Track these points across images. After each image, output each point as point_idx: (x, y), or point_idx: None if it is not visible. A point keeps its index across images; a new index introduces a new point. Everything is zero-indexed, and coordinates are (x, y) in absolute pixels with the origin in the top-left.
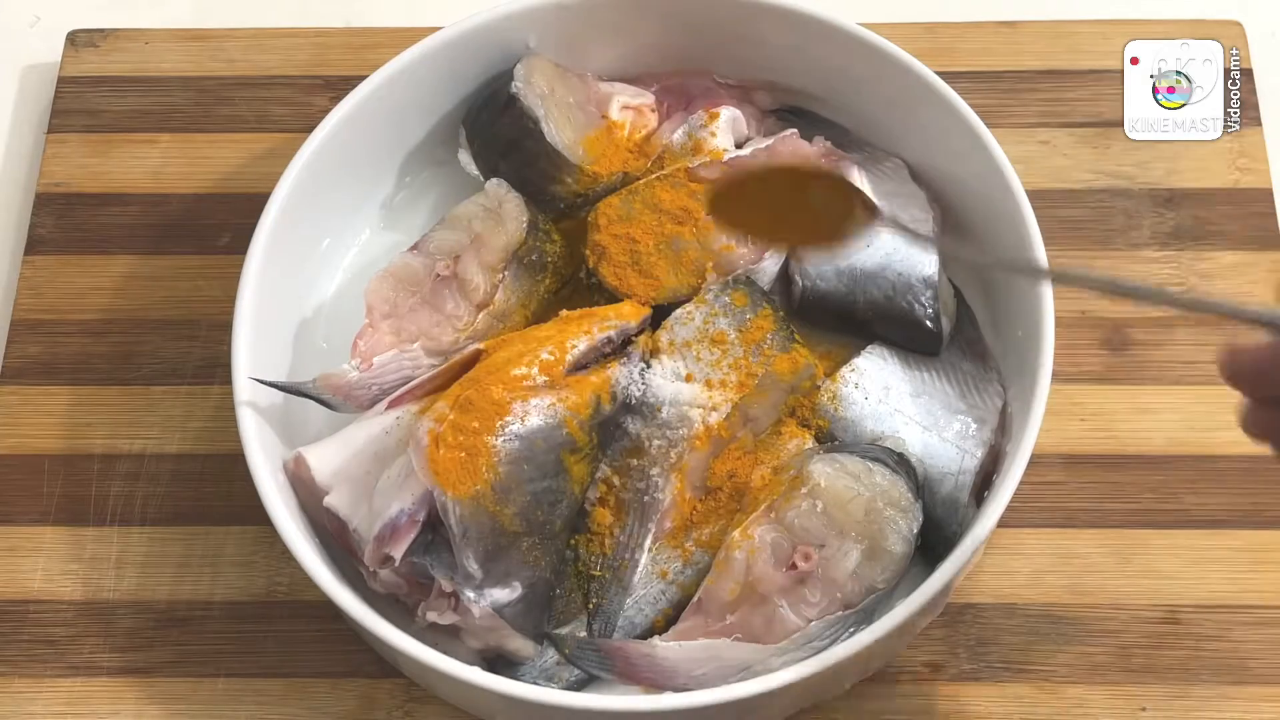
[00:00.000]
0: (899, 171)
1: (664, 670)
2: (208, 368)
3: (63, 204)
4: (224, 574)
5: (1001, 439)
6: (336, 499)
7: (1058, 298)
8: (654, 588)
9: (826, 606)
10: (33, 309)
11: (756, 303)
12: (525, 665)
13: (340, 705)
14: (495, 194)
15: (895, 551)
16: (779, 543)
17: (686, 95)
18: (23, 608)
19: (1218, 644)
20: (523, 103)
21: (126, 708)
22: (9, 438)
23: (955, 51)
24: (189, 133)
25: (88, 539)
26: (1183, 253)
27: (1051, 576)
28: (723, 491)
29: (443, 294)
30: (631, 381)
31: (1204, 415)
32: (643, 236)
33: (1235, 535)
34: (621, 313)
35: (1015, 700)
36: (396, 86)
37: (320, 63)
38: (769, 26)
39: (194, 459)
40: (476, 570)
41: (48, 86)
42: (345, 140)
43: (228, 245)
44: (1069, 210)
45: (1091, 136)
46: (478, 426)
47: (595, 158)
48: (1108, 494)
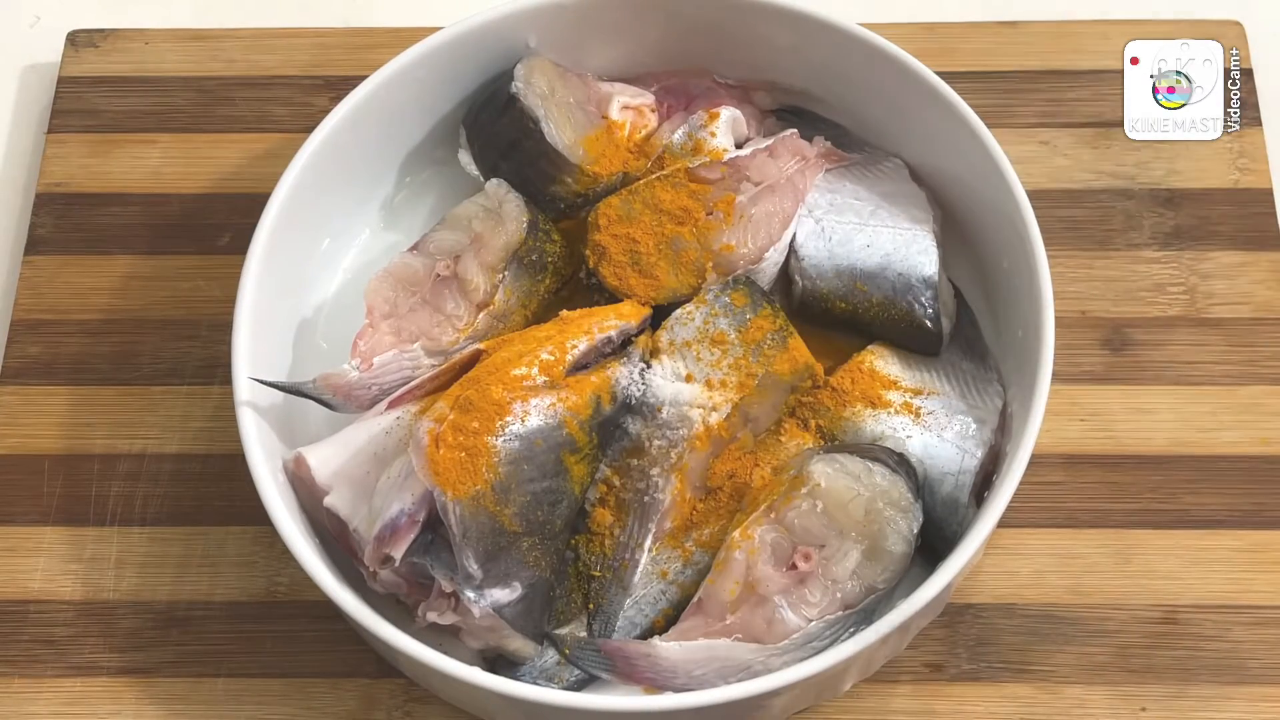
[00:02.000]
0: (899, 171)
1: (664, 670)
2: (208, 368)
3: (63, 204)
4: (224, 574)
5: (1001, 439)
6: (336, 499)
7: (1058, 298)
8: (654, 588)
9: (826, 606)
10: (33, 309)
11: (756, 303)
12: (525, 665)
13: (340, 705)
14: (495, 194)
15: (895, 551)
16: (779, 543)
17: (686, 95)
18: (23, 608)
19: (1217, 644)
20: (523, 103)
21: (126, 708)
22: (9, 438)
23: (955, 51)
24: (189, 133)
25: (88, 539)
26: (1183, 253)
27: (1051, 576)
28: (723, 491)
29: (443, 294)
30: (631, 382)
31: (1204, 415)
32: (643, 236)
33: (1235, 535)
34: (621, 313)
35: (1015, 700)
36: (396, 86)
37: (320, 63)
38: (769, 26)
39: (194, 459)
40: (476, 570)
41: (48, 86)
42: (345, 140)
43: (228, 245)
44: (1069, 210)
45: (1091, 136)
46: (478, 426)
47: (595, 158)
48: (1108, 494)
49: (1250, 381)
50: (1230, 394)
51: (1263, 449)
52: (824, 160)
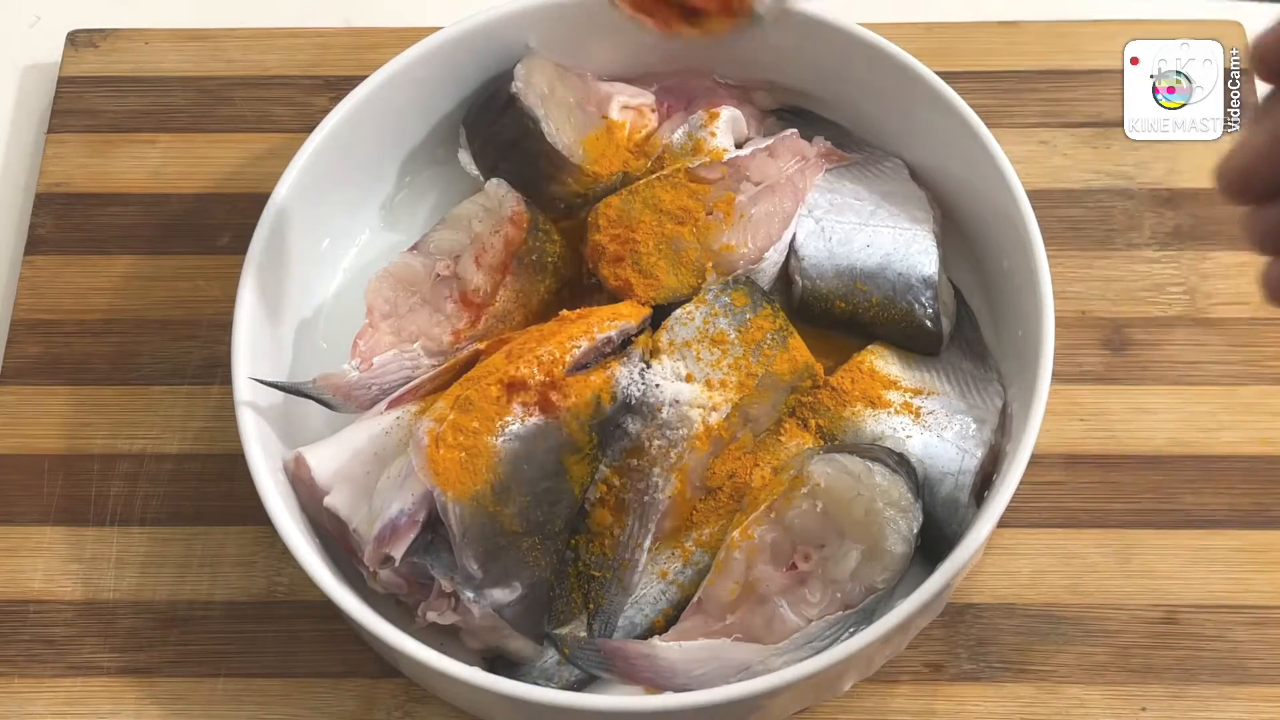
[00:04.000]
0: (899, 171)
1: (664, 670)
2: (208, 368)
3: (63, 204)
4: (224, 574)
5: (1001, 439)
6: (336, 499)
7: (1058, 298)
8: (654, 588)
9: (826, 606)
10: (33, 309)
11: (756, 303)
12: (525, 665)
13: (340, 705)
14: (495, 194)
15: (895, 551)
16: (779, 543)
17: (686, 95)
18: (23, 608)
19: (1217, 644)
20: (523, 103)
21: (126, 708)
22: (9, 438)
23: (955, 51)
24: (189, 133)
25: (88, 539)
26: (1183, 253)
27: (1051, 576)
28: (723, 491)
29: (443, 294)
30: (631, 382)
31: (1204, 415)
32: (643, 236)
33: (1235, 535)
34: (621, 313)
35: (1015, 700)
36: (396, 86)
37: (320, 63)
38: (769, 27)
39: (194, 459)
40: (476, 570)
41: (48, 86)
42: (345, 140)
43: (228, 245)
44: (1069, 210)
45: (1091, 136)
46: (478, 426)
47: (595, 158)
48: (1108, 494)
49: (1250, 381)
50: (1230, 394)
51: (1263, 449)
52: (824, 160)
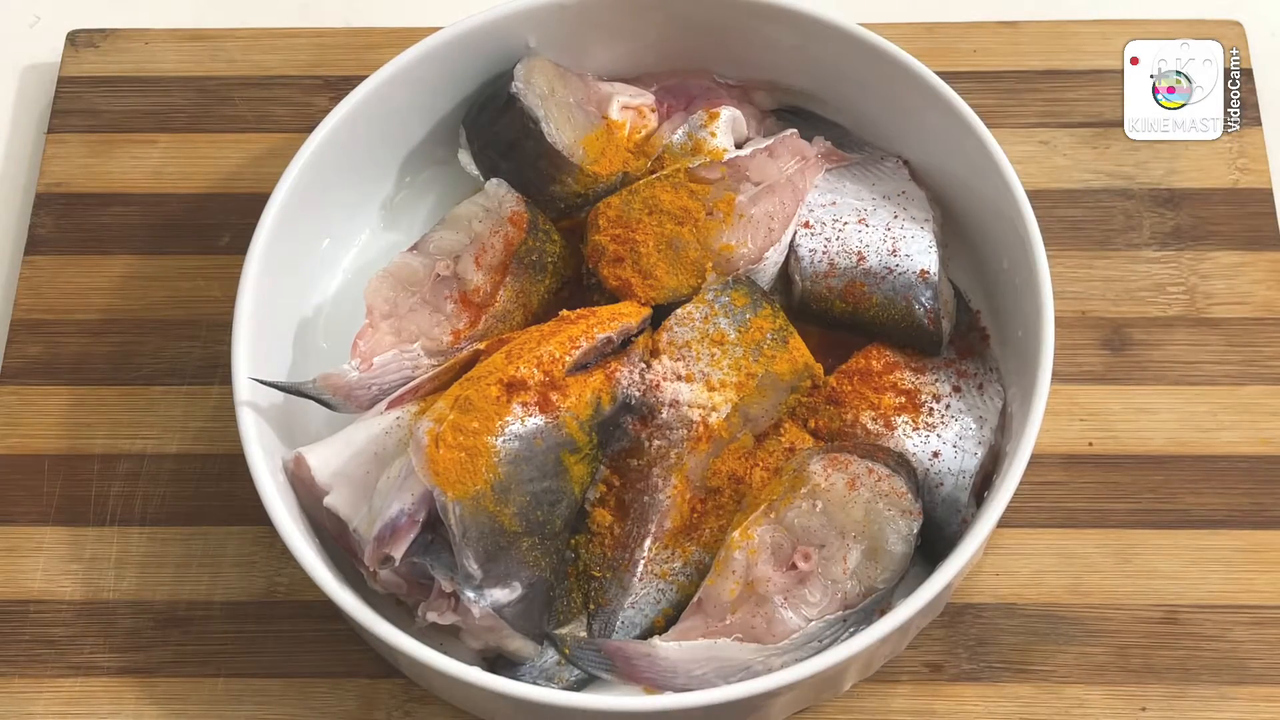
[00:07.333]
0: (899, 171)
1: (664, 670)
2: (208, 368)
3: (63, 204)
4: (224, 574)
5: (1001, 439)
6: (336, 499)
7: (1058, 298)
8: (654, 588)
9: (826, 606)
10: (33, 309)
11: (756, 303)
12: (525, 665)
13: (340, 705)
14: (495, 194)
15: (895, 551)
16: (779, 543)
17: (686, 95)
18: (23, 608)
19: (1217, 644)
20: (523, 103)
21: (126, 708)
22: (9, 438)
23: (955, 51)
24: (189, 133)
25: (88, 539)
26: (1183, 253)
27: (1051, 576)
28: (723, 492)
29: (442, 294)
30: (632, 382)
31: (1204, 415)
32: (643, 236)
33: (1235, 535)
34: (621, 313)
35: (1015, 700)
36: (396, 86)
37: (320, 63)
38: (769, 26)
39: (194, 459)
40: (476, 570)
41: (48, 86)
42: (345, 140)
43: (228, 245)
44: (1069, 210)
45: (1091, 136)
46: (478, 426)
47: (595, 158)
48: (1108, 494)
49: (1250, 381)
50: (1230, 394)
51: (1263, 449)
52: (824, 160)
